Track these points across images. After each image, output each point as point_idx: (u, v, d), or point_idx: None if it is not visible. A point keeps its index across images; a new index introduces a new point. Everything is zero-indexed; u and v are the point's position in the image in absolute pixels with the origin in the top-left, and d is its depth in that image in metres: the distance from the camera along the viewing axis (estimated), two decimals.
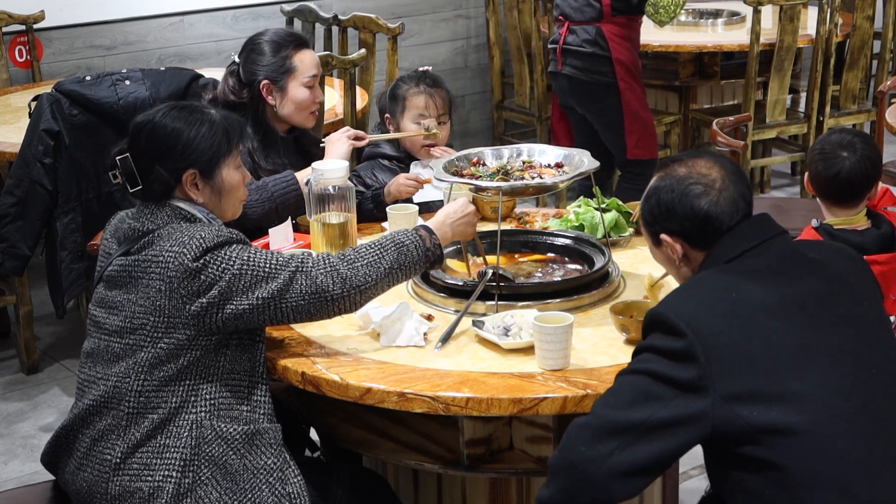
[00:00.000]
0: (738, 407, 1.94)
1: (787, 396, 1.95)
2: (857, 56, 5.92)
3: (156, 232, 2.43)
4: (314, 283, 2.41)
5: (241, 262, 2.38)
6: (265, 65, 3.34)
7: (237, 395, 2.44)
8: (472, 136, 6.98)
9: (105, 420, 2.43)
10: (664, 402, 1.96)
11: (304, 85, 3.35)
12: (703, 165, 2.18)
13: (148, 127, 2.49)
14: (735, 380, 1.95)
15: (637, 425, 1.96)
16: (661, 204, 2.18)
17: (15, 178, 4.03)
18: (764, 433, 1.94)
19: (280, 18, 5.95)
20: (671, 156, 2.23)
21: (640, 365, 2.03)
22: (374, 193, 3.38)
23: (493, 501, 2.74)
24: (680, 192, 2.16)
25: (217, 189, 2.52)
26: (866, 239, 2.84)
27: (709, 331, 1.97)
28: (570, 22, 4.94)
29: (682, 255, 2.20)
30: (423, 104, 3.49)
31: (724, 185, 2.15)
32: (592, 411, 2.02)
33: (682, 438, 1.97)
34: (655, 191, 2.20)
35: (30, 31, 5.45)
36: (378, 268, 2.47)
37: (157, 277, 2.37)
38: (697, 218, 2.14)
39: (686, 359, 1.96)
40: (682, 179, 2.16)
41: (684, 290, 2.11)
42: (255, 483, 2.38)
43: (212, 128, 2.50)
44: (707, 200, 2.14)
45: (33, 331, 4.54)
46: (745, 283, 2.05)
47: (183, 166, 2.47)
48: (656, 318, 2.04)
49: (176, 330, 2.38)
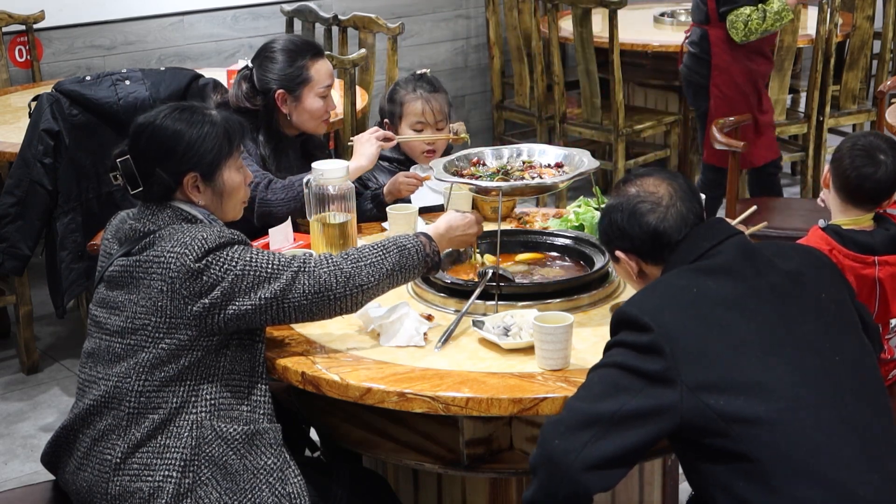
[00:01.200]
0: (705, 396, 1.99)
1: (751, 387, 2.00)
2: (857, 56, 5.92)
3: (157, 233, 2.43)
4: (317, 281, 2.41)
5: (244, 262, 2.38)
6: (281, 74, 3.34)
7: (237, 395, 2.44)
8: (472, 136, 6.97)
9: (105, 420, 2.43)
10: (633, 392, 2.01)
11: (319, 95, 3.36)
12: (651, 184, 2.24)
13: (149, 129, 2.48)
14: (700, 371, 2.00)
15: (608, 417, 2.00)
16: (613, 223, 2.26)
17: (15, 178, 4.03)
18: (733, 423, 1.98)
19: (280, 18, 5.95)
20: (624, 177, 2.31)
21: (610, 359, 2.09)
22: (373, 193, 3.38)
23: (493, 501, 2.74)
24: (629, 211, 2.23)
25: (218, 191, 2.52)
26: (876, 240, 2.84)
27: (672, 325, 2.03)
28: (692, 22, 5.10)
29: (637, 271, 2.27)
30: (420, 110, 3.49)
31: (672, 202, 2.22)
32: (565, 406, 2.08)
33: (653, 429, 2.01)
34: (608, 210, 2.28)
35: (30, 31, 5.45)
36: (381, 268, 2.48)
37: (158, 278, 2.37)
38: (647, 234, 2.22)
39: (653, 351, 2.02)
40: (632, 198, 2.24)
41: (647, 290, 2.17)
42: (255, 483, 2.38)
43: (213, 130, 2.49)
44: (654, 217, 2.21)
45: (33, 331, 4.54)
46: (703, 280, 2.11)
47: (184, 169, 2.47)
48: (623, 316, 2.10)
49: (177, 330, 2.38)
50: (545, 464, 2.03)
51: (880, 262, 2.83)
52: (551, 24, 5.76)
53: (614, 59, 5.52)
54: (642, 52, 5.97)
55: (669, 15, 6.41)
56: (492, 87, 6.53)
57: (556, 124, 5.93)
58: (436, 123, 3.50)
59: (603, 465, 2.00)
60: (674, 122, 5.98)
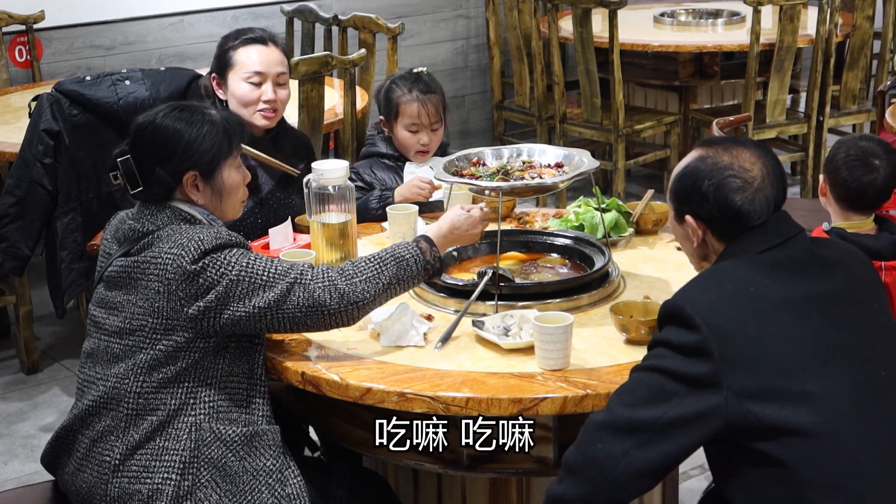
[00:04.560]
0: (751, 404, 1.93)
1: (801, 396, 1.94)
2: (857, 56, 5.92)
3: (155, 233, 2.42)
4: (311, 296, 2.39)
5: (240, 267, 2.37)
6: (214, 57, 3.30)
7: (236, 397, 2.44)
8: (472, 136, 6.99)
9: (104, 421, 2.43)
10: (678, 399, 1.96)
11: (245, 80, 3.23)
12: (746, 159, 2.13)
13: (150, 129, 2.48)
14: (749, 377, 1.94)
15: (650, 423, 1.96)
16: (696, 188, 2.13)
17: (15, 178, 4.03)
18: (776, 431, 1.93)
19: (280, 18, 5.95)
20: (716, 136, 2.18)
21: (654, 361, 2.02)
22: (381, 194, 3.38)
23: (493, 501, 2.74)
24: (718, 182, 2.11)
25: (218, 190, 2.52)
26: (882, 244, 2.80)
27: (724, 325, 1.96)
28: None
29: (700, 240, 2.18)
30: (415, 112, 3.49)
31: (762, 184, 2.12)
32: (608, 408, 2.02)
33: (697, 434, 1.96)
34: (693, 172, 2.15)
35: (30, 31, 5.45)
36: (377, 283, 2.44)
37: (155, 279, 2.37)
38: (729, 211, 2.11)
39: (699, 354, 1.95)
40: (723, 169, 2.12)
41: (703, 281, 2.08)
42: (254, 485, 2.38)
43: (212, 129, 2.49)
44: (742, 197, 2.10)
45: (33, 331, 4.54)
46: (763, 279, 2.04)
47: (184, 168, 2.47)
48: (672, 310, 2.03)
49: (174, 332, 2.38)
50: (585, 466, 1.99)
51: (887, 267, 2.82)
52: (551, 24, 5.76)
53: (614, 59, 5.52)
54: (642, 52, 5.97)
55: (669, 15, 6.41)
56: (492, 87, 6.53)
57: (556, 124, 5.93)
58: (430, 125, 3.51)
59: (646, 471, 1.97)
60: (674, 122, 5.98)
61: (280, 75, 3.28)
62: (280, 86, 3.28)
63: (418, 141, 3.51)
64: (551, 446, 2.47)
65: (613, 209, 3.10)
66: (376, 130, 3.63)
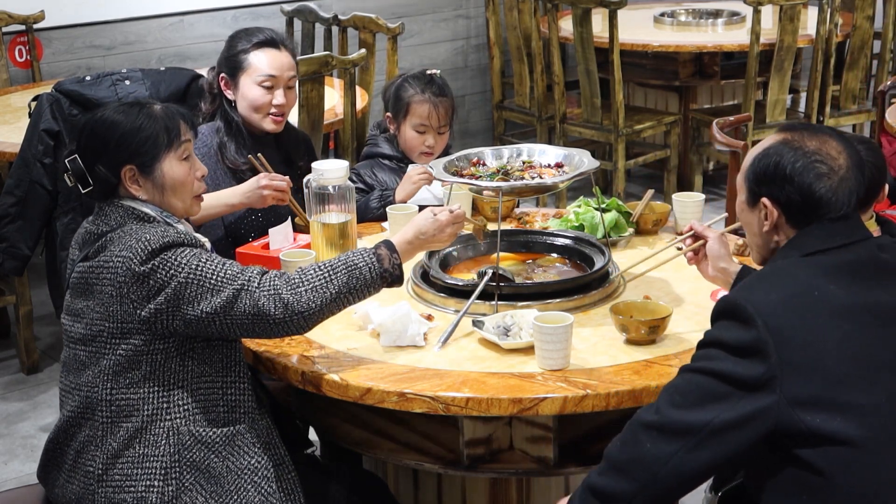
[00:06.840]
0: (800, 411, 1.90)
1: (852, 408, 1.91)
2: (857, 56, 5.92)
3: (108, 235, 2.37)
4: (256, 304, 2.31)
5: (189, 269, 2.31)
6: (223, 58, 3.29)
7: (212, 397, 2.40)
8: (472, 136, 6.99)
9: (84, 431, 2.39)
10: (729, 402, 1.92)
11: (258, 84, 3.23)
12: (834, 147, 2.07)
13: (90, 124, 2.44)
14: (803, 383, 1.91)
15: (699, 427, 1.93)
16: (780, 170, 2.06)
17: (15, 178, 4.03)
18: (821, 439, 1.90)
19: (280, 18, 5.95)
20: (797, 123, 2.12)
21: (706, 363, 1.97)
22: (381, 194, 3.37)
23: (493, 501, 2.74)
24: (804, 166, 2.05)
25: (159, 185, 2.44)
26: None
27: (785, 327, 1.92)
28: None
29: (773, 225, 2.11)
30: (426, 114, 3.47)
31: (847, 175, 2.05)
32: (658, 409, 1.99)
33: (746, 437, 1.93)
34: (778, 153, 2.08)
35: (30, 31, 5.45)
36: (323, 293, 2.34)
37: (108, 283, 2.32)
38: (811, 198, 2.05)
39: (753, 354, 1.92)
40: (810, 154, 2.05)
41: (765, 281, 2.02)
42: (240, 484, 2.36)
43: (149, 122, 2.42)
44: (825, 185, 2.04)
45: (33, 331, 4.54)
46: (827, 283, 1.98)
47: (119, 162, 2.40)
48: (730, 306, 1.98)
49: (131, 335, 2.33)
50: (630, 465, 1.97)
51: None
52: (551, 24, 5.76)
53: (614, 59, 5.52)
54: (642, 52, 5.97)
55: (669, 15, 6.41)
56: (492, 87, 6.53)
57: (556, 124, 5.93)
58: (438, 128, 3.50)
59: (692, 475, 1.95)
60: (674, 122, 5.98)
61: (291, 79, 3.30)
62: (290, 89, 3.30)
63: (424, 142, 3.49)
64: (551, 446, 2.47)
65: (613, 209, 3.11)
66: (379, 130, 3.61)
